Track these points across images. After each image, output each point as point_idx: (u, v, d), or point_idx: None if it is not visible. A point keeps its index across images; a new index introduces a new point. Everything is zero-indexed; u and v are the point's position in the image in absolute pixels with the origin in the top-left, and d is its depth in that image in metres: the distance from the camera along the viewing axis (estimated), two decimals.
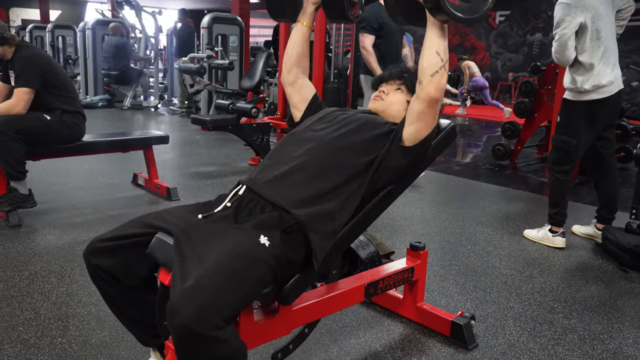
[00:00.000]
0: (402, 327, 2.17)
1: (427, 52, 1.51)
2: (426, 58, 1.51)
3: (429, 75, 1.50)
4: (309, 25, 1.85)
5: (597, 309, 2.41)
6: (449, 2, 1.39)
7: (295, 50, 1.86)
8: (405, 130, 1.60)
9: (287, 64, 1.88)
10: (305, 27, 1.85)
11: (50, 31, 10.87)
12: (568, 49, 2.95)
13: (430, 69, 1.50)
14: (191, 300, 1.14)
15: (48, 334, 2.00)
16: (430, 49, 1.50)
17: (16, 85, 3.14)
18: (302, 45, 1.86)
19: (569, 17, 2.91)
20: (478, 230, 3.43)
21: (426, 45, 1.51)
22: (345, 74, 5.28)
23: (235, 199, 1.50)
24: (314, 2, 1.83)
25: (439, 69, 1.50)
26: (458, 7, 1.41)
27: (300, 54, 1.86)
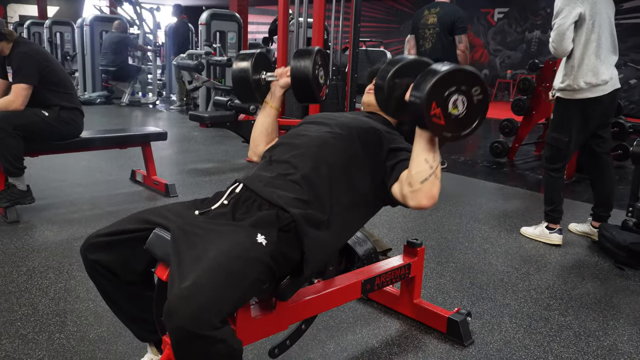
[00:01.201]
0: (398, 324, 2.19)
1: (416, 159, 1.46)
2: (414, 165, 1.46)
3: (418, 182, 1.45)
4: (276, 107, 1.92)
5: (592, 306, 2.43)
6: (434, 122, 1.37)
7: (264, 129, 1.91)
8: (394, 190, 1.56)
9: (256, 141, 1.93)
10: (273, 108, 1.91)
11: (48, 27, 10.85)
12: (566, 39, 2.94)
13: (419, 176, 1.45)
14: (188, 300, 1.15)
15: (46, 330, 2.01)
16: (418, 157, 1.46)
17: (14, 82, 3.14)
18: (271, 125, 1.91)
19: (568, 7, 2.91)
20: (475, 228, 3.45)
21: (414, 151, 1.47)
22: (344, 71, 5.28)
23: (232, 197, 1.50)
24: (283, 86, 1.88)
25: (428, 177, 1.44)
26: (444, 127, 1.39)
27: (269, 133, 1.91)
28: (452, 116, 1.38)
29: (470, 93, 1.39)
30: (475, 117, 1.43)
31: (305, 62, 1.80)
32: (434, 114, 1.36)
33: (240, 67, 1.87)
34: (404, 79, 1.52)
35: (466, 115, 1.40)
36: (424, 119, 1.37)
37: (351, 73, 5.11)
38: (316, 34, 4.79)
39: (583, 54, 2.97)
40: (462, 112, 1.39)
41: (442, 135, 1.40)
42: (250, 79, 1.86)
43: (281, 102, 1.93)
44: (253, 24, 12.52)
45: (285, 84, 1.88)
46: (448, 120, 1.38)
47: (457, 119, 1.40)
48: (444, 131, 1.40)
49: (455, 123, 1.40)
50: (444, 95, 1.36)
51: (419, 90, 1.37)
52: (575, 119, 3.06)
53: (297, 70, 1.81)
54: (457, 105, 1.38)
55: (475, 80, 1.39)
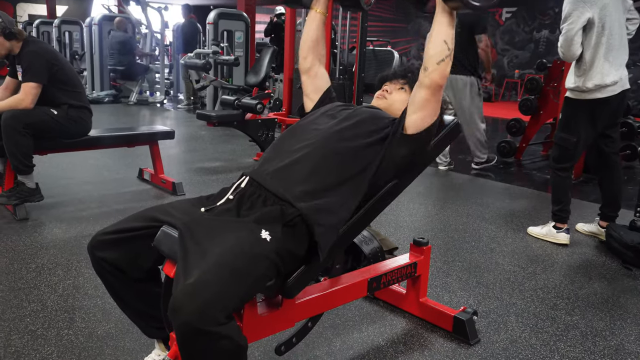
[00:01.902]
0: (404, 322, 2.19)
1: (435, 39, 1.53)
2: (433, 46, 1.53)
3: (435, 63, 1.53)
4: (322, 12, 1.87)
5: (599, 306, 2.42)
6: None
7: (310, 36, 1.88)
8: (408, 119, 1.62)
9: (303, 51, 1.89)
10: (319, 13, 1.87)
11: (57, 26, 10.91)
12: (574, 44, 2.94)
13: (437, 57, 1.52)
14: (193, 296, 1.15)
15: (55, 326, 2.03)
16: (438, 37, 1.53)
17: (23, 80, 3.17)
18: (317, 32, 1.87)
19: (577, 12, 2.90)
20: (482, 227, 3.44)
21: (434, 32, 1.53)
22: (351, 70, 5.28)
23: (237, 192, 1.51)
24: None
25: (445, 58, 1.53)
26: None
27: (315, 40, 1.87)
28: None
29: None
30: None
31: None
32: None
33: None
34: None
35: None
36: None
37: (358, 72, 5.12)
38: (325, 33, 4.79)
39: (593, 57, 2.96)
40: None
41: (469, 3, 1.42)
42: None
43: (327, 7, 1.88)
44: (260, 23, 12.55)
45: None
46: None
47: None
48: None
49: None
50: None
51: None
52: (584, 119, 3.05)
53: None
54: None
55: None
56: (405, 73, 1.89)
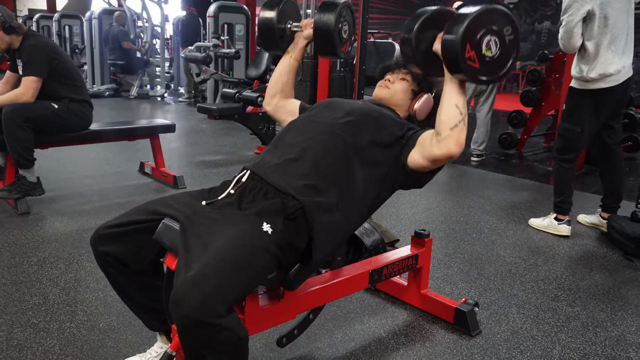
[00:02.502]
0: (406, 314, 2.19)
1: (446, 105, 1.48)
2: (445, 111, 1.47)
3: (448, 129, 1.46)
4: (297, 59, 1.91)
5: (600, 297, 2.42)
6: (469, 65, 1.37)
7: (281, 79, 1.91)
8: (413, 157, 1.58)
9: (272, 91, 1.93)
10: (293, 59, 1.91)
11: (57, 20, 10.87)
12: (574, 36, 2.93)
13: (449, 123, 1.46)
14: (194, 288, 1.16)
15: (57, 319, 2.04)
16: (449, 102, 1.47)
17: (24, 74, 3.16)
18: (288, 75, 1.91)
19: (576, 4, 2.89)
20: (483, 219, 3.44)
21: (444, 98, 1.49)
22: (352, 62, 5.26)
23: (238, 186, 1.51)
24: (306, 37, 1.88)
25: (458, 123, 1.46)
26: (478, 70, 1.38)
27: (285, 84, 1.92)
28: (487, 58, 1.38)
29: (502, 33, 1.39)
30: (509, 57, 1.42)
31: (329, 14, 1.77)
32: (468, 56, 1.36)
33: (265, 16, 1.85)
34: (430, 31, 1.51)
35: (499, 57, 1.40)
36: (459, 63, 1.36)
37: (359, 65, 5.10)
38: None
39: (597, 48, 2.94)
40: (495, 53, 1.39)
41: (478, 78, 1.40)
42: (275, 27, 1.84)
43: (302, 54, 1.92)
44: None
45: (308, 35, 1.86)
46: (482, 62, 1.38)
47: (492, 61, 1.39)
48: (479, 74, 1.39)
49: (490, 65, 1.39)
50: (477, 37, 1.35)
51: (452, 35, 1.35)
52: (588, 109, 3.04)
53: (320, 22, 1.79)
54: (490, 47, 1.38)
55: (507, 20, 1.39)
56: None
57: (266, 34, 1.88)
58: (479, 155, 5.15)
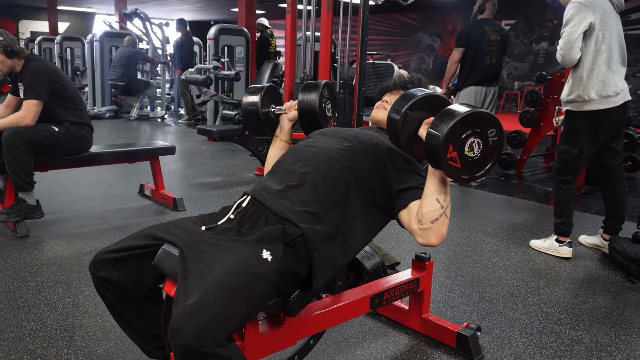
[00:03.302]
0: (407, 339, 2.17)
1: (428, 198, 1.48)
2: (426, 204, 1.48)
3: (429, 222, 1.47)
4: (287, 140, 1.95)
5: (604, 320, 2.40)
6: (451, 165, 1.38)
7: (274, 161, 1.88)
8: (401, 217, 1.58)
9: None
10: (283, 142, 1.95)
11: (59, 43, 10.99)
12: (575, 48, 2.93)
13: (430, 216, 1.47)
14: (193, 318, 1.14)
15: (54, 345, 2.01)
16: (431, 197, 1.48)
17: (25, 98, 3.18)
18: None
19: (579, 16, 2.90)
20: (484, 241, 3.42)
21: (427, 190, 1.49)
22: (351, 84, 5.29)
23: (239, 211, 1.51)
24: (291, 120, 1.94)
25: (439, 217, 1.47)
26: (460, 169, 1.40)
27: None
28: (468, 158, 1.40)
29: (486, 135, 1.41)
30: (490, 158, 1.44)
31: (312, 95, 1.85)
32: (450, 157, 1.38)
33: (249, 101, 1.92)
34: (417, 113, 1.52)
35: (481, 157, 1.42)
36: (441, 162, 1.38)
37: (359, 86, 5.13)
38: (324, 48, 4.82)
39: (593, 65, 2.95)
40: (477, 154, 1.41)
41: (459, 177, 1.42)
42: (260, 112, 1.90)
43: (290, 136, 1.96)
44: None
45: (293, 118, 1.93)
46: (464, 162, 1.40)
47: (473, 161, 1.41)
48: (460, 174, 1.41)
49: (471, 165, 1.41)
50: (461, 138, 1.37)
51: (437, 133, 1.37)
52: (585, 132, 3.04)
53: (305, 104, 1.87)
54: (473, 148, 1.40)
55: (491, 123, 1.41)
56: (406, 84, 1.89)
57: (251, 119, 1.94)
58: None
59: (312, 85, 1.89)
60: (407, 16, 15.57)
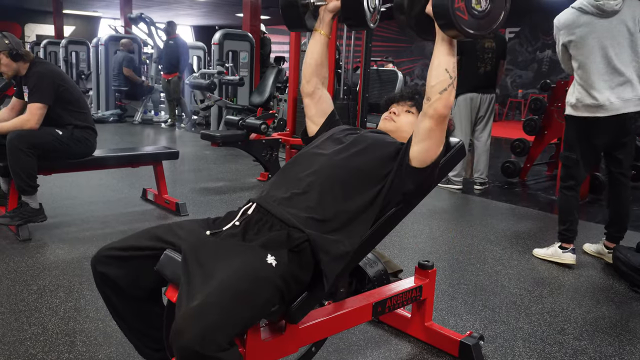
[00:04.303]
0: (410, 347, 2.15)
1: (436, 69, 1.51)
2: (434, 75, 1.51)
3: (437, 93, 1.50)
4: (326, 34, 1.84)
5: (608, 330, 2.38)
6: (458, 16, 1.40)
7: (314, 59, 1.85)
8: (413, 149, 1.59)
9: (306, 74, 1.86)
10: (323, 35, 1.84)
11: (64, 47, 11.05)
12: (563, 62, 3.22)
13: (439, 87, 1.50)
14: (196, 321, 1.14)
15: (55, 349, 2.01)
16: (439, 67, 1.51)
17: (29, 101, 3.19)
18: (321, 54, 1.85)
19: (557, 38, 3.14)
20: (487, 249, 3.41)
21: (435, 62, 1.51)
22: (355, 90, 5.30)
23: (244, 218, 1.50)
24: (331, 10, 1.81)
25: (447, 87, 1.50)
26: (467, 21, 1.42)
27: (319, 63, 1.85)
28: (475, 11, 1.41)
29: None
30: (498, 14, 1.45)
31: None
32: (457, 6, 1.39)
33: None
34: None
35: (489, 12, 1.43)
36: (449, 14, 1.39)
37: (362, 92, 5.13)
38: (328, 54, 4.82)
39: (582, 74, 3.05)
40: (485, 7, 1.42)
41: (466, 31, 1.42)
42: (299, 3, 1.80)
43: (331, 28, 1.85)
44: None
45: (334, 8, 1.80)
46: (471, 15, 1.41)
47: (481, 15, 1.42)
48: (467, 27, 1.41)
49: (478, 19, 1.42)
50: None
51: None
52: (579, 137, 3.11)
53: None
54: (480, 1, 1.42)
55: None
56: (413, 95, 1.88)
57: (289, 11, 1.82)
58: (482, 183, 5.14)
59: None
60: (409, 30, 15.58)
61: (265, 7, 10.75)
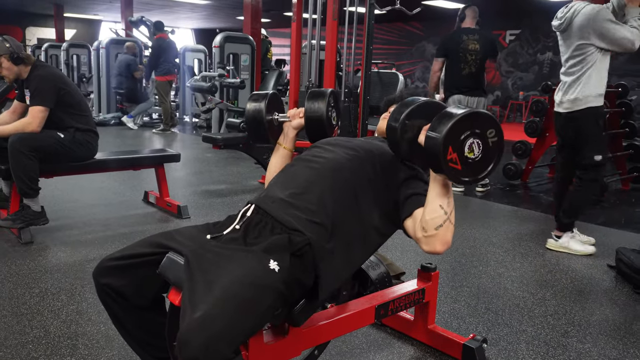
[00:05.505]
0: (412, 350, 2.15)
1: (430, 205, 1.46)
2: (429, 211, 1.45)
3: (432, 229, 1.44)
4: (289, 149, 1.91)
5: (611, 333, 2.37)
6: (450, 166, 1.37)
7: (276, 169, 1.89)
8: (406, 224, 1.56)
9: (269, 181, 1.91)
10: (285, 150, 1.91)
11: (65, 50, 11.05)
12: None
13: (434, 223, 1.44)
14: (200, 331, 1.13)
15: (57, 353, 2.00)
16: (433, 202, 1.45)
17: (31, 104, 3.19)
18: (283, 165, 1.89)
19: None
20: (489, 251, 3.40)
21: (429, 198, 1.47)
22: (356, 92, 5.29)
23: (244, 221, 1.50)
24: (295, 127, 1.89)
25: (443, 223, 1.44)
26: (460, 171, 1.39)
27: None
28: (469, 160, 1.39)
29: (485, 136, 1.40)
30: (491, 160, 1.43)
31: (320, 103, 1.83)
32: (450, 158, 1.36)
33: (253, 108, 1.88)
34: (417, 121, 1.51)
35: (482, 159, 1.41)
36: (441, 164, 1.36)
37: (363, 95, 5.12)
38: (329, 56, 4.82)
39: None
40: (477, 155, 1.40)
41: (460, 179, 1.40)
42: (264, 119, 1.87)
43: (294, 144, 1.92)
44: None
45: (298, 125, 1.88)
46: (465, 164, 1.38)
47: (474, 163, 1.40)
48: (460, 176, 1.40)
49: (472, 167, 1.40)
50: (459, 139, 1.36)
51: (435, 135, 1.36)
52: None
53: (312, 112, 1.84)
54: (472, 149, 1.39)
55: (490, 123, 1.40)
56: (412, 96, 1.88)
57: (255, 126, 1.90)
58: (483, 185, 5.13)
59: (318, 93, 1.87)
60: (411, 25, 15.61)
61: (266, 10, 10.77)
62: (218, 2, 14.60)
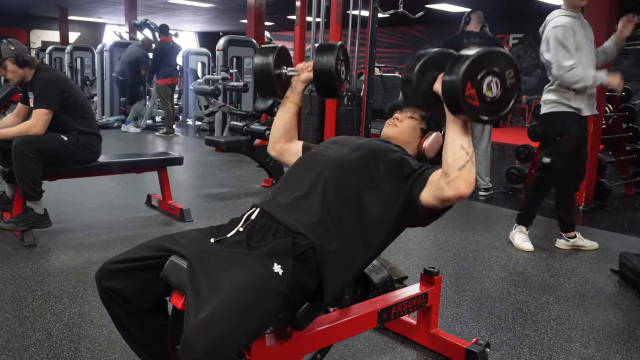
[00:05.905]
0: (415, 354, 2.14)
1: (451, 146, 1.46)
2: (450, 152, 1.45)
3: (456, 170, 1.44)
4: (297, 103, 1.92)
5: (615, 338, 2.36)
6: (469, 103, 1.37)
7: (282, 124, 1.92)
8: (423, 196, 1.55)
9: (274, 136, 1.94)
10: (293, 103, 1.91)
11: (69, 53, 11.09)
12: None
13: (456, 164, 1.44)
14: (204, 333, 1.13)
15: (59, 356, 2.00)
16: (454, 144, 1.45)
17: (35, 107, 3.20)
18: (290, 120, 1.93)
19: None
20: (492, 255, 3.39)
21: (449, 140, 1.47)
22: (359, 96, 5.29)
23: (247, 224, 1.50)
24: (304, 81, 1.88)
25: (465, 163, 1.43)
26: (478, 108, 1.39)
27: (288, 128, 1.93)
28: (487, 98, 1.39)
29: (503, 76, 1.40)
30: (509, 100, 1.42)
31: (329, 56, 1.80)
32: (468, 94, 1.36)
33: (261, 62, 1.87)
34: (431, 72, 1.51)
35: (500, 98, 1.41)
36: (459, 100, 1.36)
37: (367, 98, 5.13)
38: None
39: None
40: (496, 94, 1.40)
41: (478, 117, 1.40)
42: (272, 73, 1.86)
43: (301, 98, 1.93)
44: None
45: (306, 79, 1.87)
46: (483, 102, 1.38)
47: (492, 101, 1.40)
48: (479, 113, 1.40)
49: (490, 105, 1.40)
50: (478, 77, 1.36)
51: (453, 72, 1.36)
52: None
53: (321, 65, 1.81)
54: (491, 87, 1.39)
55: (509, 64, 1.40)
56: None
57: (263, 80, 1.90)
58: (486, 189, 5.12)
59: (327, 47, 1.83)
60: (415, 29, 15.62)
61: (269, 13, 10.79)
62: (222, 5, 14.64)
